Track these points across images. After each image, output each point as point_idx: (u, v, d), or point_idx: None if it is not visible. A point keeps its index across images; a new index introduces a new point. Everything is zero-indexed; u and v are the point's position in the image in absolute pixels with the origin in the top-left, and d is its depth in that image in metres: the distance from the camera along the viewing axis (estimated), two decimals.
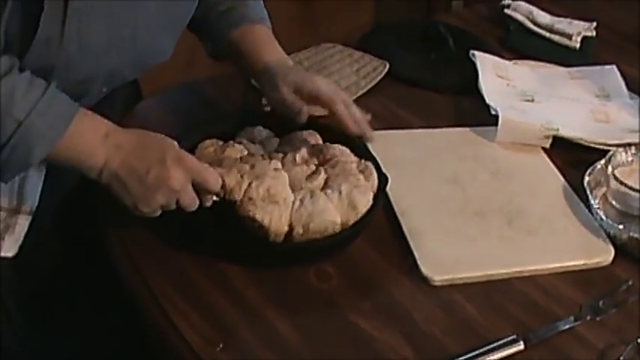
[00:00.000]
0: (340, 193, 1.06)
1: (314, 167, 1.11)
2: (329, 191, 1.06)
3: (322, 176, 1.09)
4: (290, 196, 1.05)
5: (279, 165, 1.09)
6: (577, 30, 1.62)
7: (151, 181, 0.98)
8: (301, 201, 1.04)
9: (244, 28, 1.23)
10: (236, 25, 1.23)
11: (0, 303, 1.17)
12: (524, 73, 1.48)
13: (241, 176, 1.05)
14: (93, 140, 0.99)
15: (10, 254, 1.10)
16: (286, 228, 1.03)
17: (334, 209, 1.05)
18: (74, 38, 0.99)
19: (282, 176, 1.07)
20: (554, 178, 1.22)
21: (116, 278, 1.04)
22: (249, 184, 1.04)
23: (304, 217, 1.03)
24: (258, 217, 1.02)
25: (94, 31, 1.01)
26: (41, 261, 1.20)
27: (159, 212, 1.01)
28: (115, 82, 1.15)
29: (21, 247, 1.11)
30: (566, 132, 1.29)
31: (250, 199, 1.04)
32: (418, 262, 1.05)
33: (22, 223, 1.11)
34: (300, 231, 1.03)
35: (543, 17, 1.66)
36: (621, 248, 1.10)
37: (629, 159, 1.21)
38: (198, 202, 1.02)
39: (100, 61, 1.05)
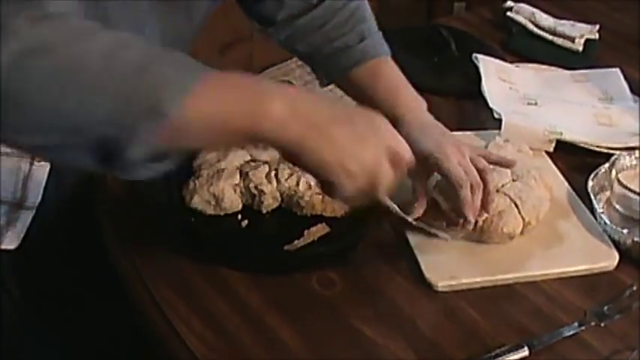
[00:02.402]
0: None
1: None
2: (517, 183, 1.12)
3: None
4: (509, 200, 1.10)
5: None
6: (580, 33, 1.62)
7: (361, 128, 0.83)
8: (520, 198, 1.09)
9: (365, 66, 1.14)
10: (356, 63, 1.14)
11: (4, 292, 1.18)
12: (528, 76, 1.48)
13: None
14: (255, 84, 0.80)
15: (11, 247, 1.10)
16: (521, 225, 1.08)
17: (541, 189, 1.12)
18: None
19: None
20: (557, 183, 1.21)
21: (118, 283, 1.04)
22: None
23: (531, 208, 1.09)
24: (506, 230, 1.07)
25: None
26: (45, 257, 1.19)
27: (358, 184, 0.83)
28: None
29: (24, 242, 1.11)
30: (569, 136, 1.28)
31: (484, 221, 1.07)
32: (422, 267, 1.04)
33: (24, 218, 1.10)
34: (534, 222, 1.09)
35: (546, 20, 1.66)
36: (625, 253, 1.09)
37: (633, 163, 1.20)
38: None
39: None
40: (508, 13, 1.68)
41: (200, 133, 0.76)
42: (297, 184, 1.08)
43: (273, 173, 1.09)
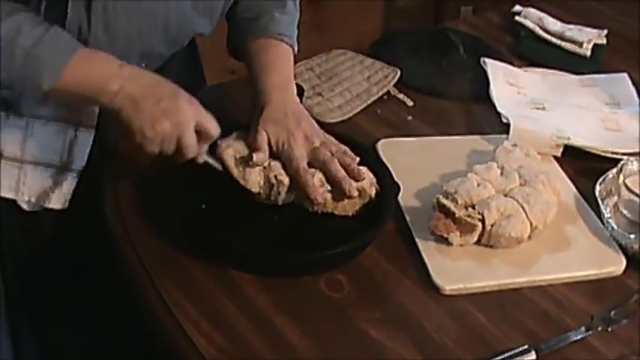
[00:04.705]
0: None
1: None
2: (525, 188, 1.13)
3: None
4: (516, 204, 1.10)
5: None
6: (588, 37, 1.62)
7: (163, 106, 1.04)
8: (527, 202, 1.10)
9: (260, 41, 1.23)
10: (254, 35, 1.24)
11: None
12: (535, 80, 1.48)
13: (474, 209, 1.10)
14: (107, 68, 1.04)
15: (57, 206, 1.19)
16: (529, 229, 1.09)
17: (548, 193, 1.14)
18: (100, 26, 1.07)
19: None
20: (565, 187, 1.21)
21: (127, 286, 1.04)
22: (482, 215, 1.08)
23: (539, 213, 1.09)
24: (514, 234, 1.07)
25: (121, 19, 1.08)
26: (90, 221, 1.22)
27: (158, 147, 1.05)
28: (153, 58, 1.19)
29: (71, 204, 1.19)
30: (577, 141, 1.28)
31: (492, 225, 1.08)
32: (429, 271, 1.05)
33: (70, 181, 1.18)
34: (541, 227, 1.10)
35: (554, 24, 1.66)
36: (632, 258, 1.10)
37: None
38: (196, 150, 1.07)
39: (131, 44, 1.12)
40: (516, 18, 1.69)
41: (64, 97, 1.07)
42: None
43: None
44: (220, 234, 1.04)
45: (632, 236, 1.10)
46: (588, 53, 1.60)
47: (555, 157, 1.28)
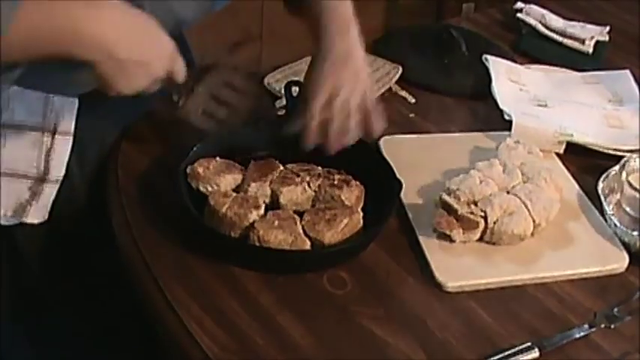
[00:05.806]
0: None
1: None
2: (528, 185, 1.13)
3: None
4: (519, 201, 1.10)
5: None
6: (590, 34, 1.62)
7: (146, 49, 1.00)
8: (530, 199, 1.10)
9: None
10: None
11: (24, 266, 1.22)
12: (538, 77, 1.48)
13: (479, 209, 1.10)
14: (68, 14, 0.94)
15: (35, 221, 1.14)
16: (532, 226, 1.08)
17: (551, 190, 1.14)
18: None
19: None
20: (567, 184, 1.21)
21: (130, 284, 1.04)
22: (484, 212, 1.08)
23: (542, 210, 1.09)
24: (516, 231, 1.07)
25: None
26: (70, 233, 1.21)
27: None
28: None
29: (50, 216, 1.15)
30: (580, 137, 1.28)
31: (495, 222, 1.08)
32: (432, 268, 1.04)
33: (49, 192, 1.13)
34: (544, 224, 1.09)
35: (556, 21, 1.66)
36: (635, 255, 1.10)
37: None
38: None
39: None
40: (518, 15, 1.69)
41: (23, 50, 0.92)
42: None
43: None
44: (223, 232, 1.04)
45: (635, 233, 1.10)
46: (590, 50, 1.60)
47: (558, 154, 1.28)
